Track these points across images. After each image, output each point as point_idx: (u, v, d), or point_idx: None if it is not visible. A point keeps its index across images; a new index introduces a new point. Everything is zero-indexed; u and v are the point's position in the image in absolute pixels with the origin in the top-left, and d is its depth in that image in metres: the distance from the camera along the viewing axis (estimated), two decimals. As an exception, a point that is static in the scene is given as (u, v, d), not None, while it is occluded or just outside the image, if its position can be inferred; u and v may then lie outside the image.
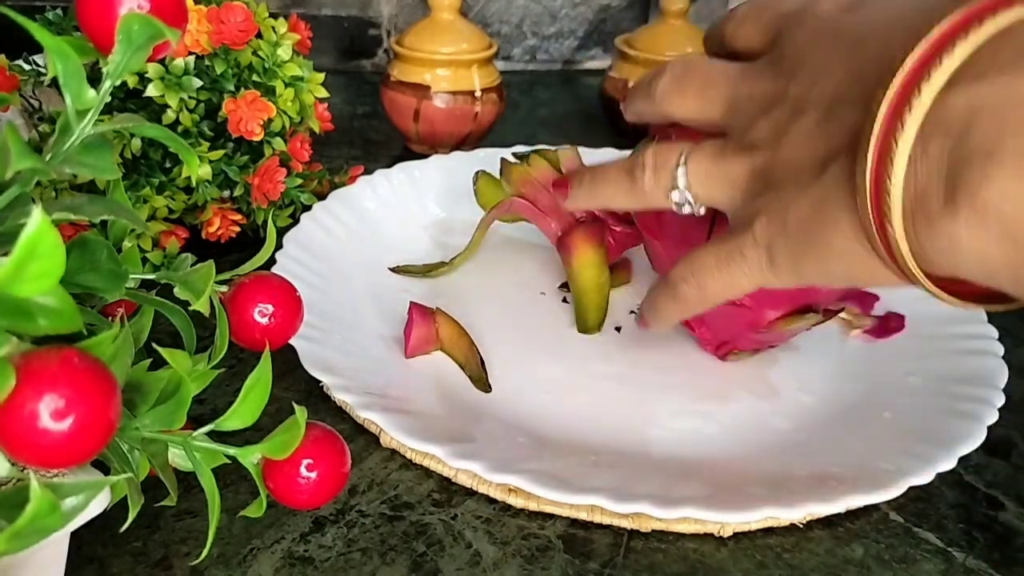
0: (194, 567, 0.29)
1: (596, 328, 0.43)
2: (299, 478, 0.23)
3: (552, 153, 0.46)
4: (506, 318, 0.44)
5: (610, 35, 0.89)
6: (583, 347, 0.42)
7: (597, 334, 0.43)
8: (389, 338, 0.41)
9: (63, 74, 0.20)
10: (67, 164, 0.20)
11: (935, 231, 0.23)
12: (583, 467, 0.33)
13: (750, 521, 0.31)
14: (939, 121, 0.23)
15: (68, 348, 0.18)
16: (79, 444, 0.17)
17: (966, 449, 0.33)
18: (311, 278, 0.43)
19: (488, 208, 0.46)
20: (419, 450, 0.33)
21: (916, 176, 0.24)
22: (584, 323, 0.43)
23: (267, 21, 0.47)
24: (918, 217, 0.24)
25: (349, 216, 0.49)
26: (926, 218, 0.23)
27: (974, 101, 0.22)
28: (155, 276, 0.26)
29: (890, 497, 0.32)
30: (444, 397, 0.38)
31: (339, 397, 0.35)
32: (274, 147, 0.47)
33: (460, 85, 0.61)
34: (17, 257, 0.16)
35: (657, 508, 0.30)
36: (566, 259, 0.45)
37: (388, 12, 0.84)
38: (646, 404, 0.38)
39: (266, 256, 0.28)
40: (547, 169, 0.46)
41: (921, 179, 0.23)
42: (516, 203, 0.46)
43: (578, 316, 0.43)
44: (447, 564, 0.30)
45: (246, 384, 0.24)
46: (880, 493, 0.32)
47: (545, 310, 0.45)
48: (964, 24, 0.23)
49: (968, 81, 0.23)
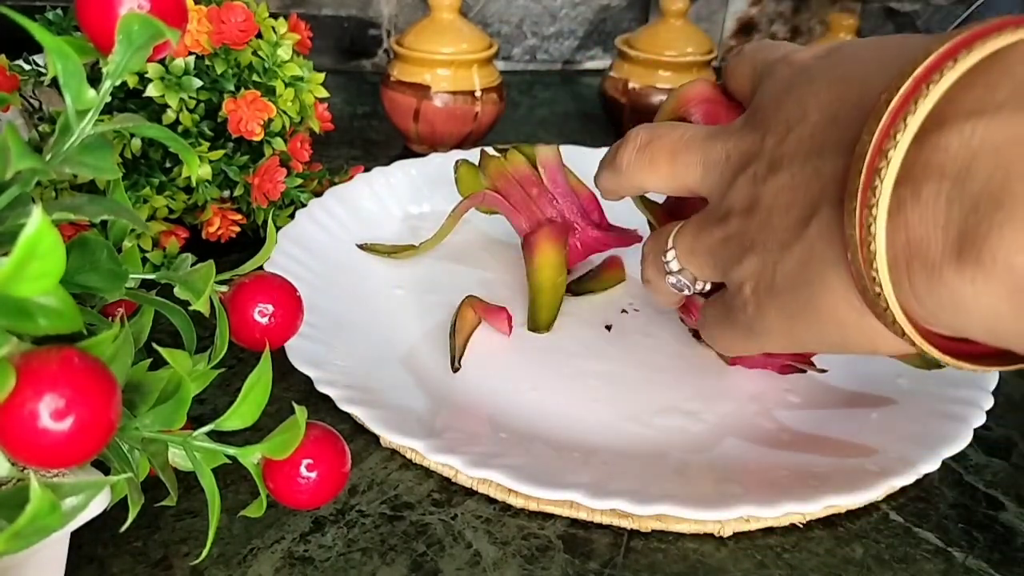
0: (194, 567, 0.29)
1: (546, 327, 0.43)
2: (299, 478, 0.23)
3: (530, 148, 0.46)
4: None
5: (610, 35, 0.89)
6: (572, 344, 0.42)
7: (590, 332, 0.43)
8: (378, 335, 0.41)
9: (63, 74, 0.20)
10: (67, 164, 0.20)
11: (935, 284, 0.21)
12: (564, 463, 0.33)
13: (726, 519, 0.31)
14: (932, 163, 0.21)
15: (68, 348, 0.18)
16: (79, 444, 0.17)
17: (951, 451, 0.33)
18: (305, 274, 0.43)
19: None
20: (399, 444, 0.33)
21: (908, 222, 0.21)
22: (535, 321, 0.43)
23: (267, 21, 0.47)
24: (914, 267, 0.21)
25: (345, 213, 0.49)
26: (925, 269, 0.21)
27: (972, 141, 0.20)
28: (155, 276, 0.26)
29: (873, 499, 0.32)
30: (429, 393, 0.38)
31: (323, 391, 0.35)
32: (274, 147, 0.47)
33: (460, 85, 0.61)
34: (17, 257, 0.16)
35: (633, 505, 0.30)
36: (527, 256, 0.45)
37: (388, 12, 0.84)
38: (632, 402, 0.38)
39: (266, 256, 0.29)
40: (523, 164, 0.46)
41: (915, 226, 0.21)
42: (489, 196, 0.46)
43: (530, 314, 0.43)
44: (447, 564, 0.30)
45: (246, 384, 0.24)
46: (862, 494, 0.32)
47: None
48: (951, 53, 0.21)
49: (963, 118, 0.21)
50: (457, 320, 0.41)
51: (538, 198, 0.46)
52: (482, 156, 0.47)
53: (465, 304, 0.42)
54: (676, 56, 0.66)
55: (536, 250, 0.44)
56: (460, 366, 0.39)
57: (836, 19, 0.68)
